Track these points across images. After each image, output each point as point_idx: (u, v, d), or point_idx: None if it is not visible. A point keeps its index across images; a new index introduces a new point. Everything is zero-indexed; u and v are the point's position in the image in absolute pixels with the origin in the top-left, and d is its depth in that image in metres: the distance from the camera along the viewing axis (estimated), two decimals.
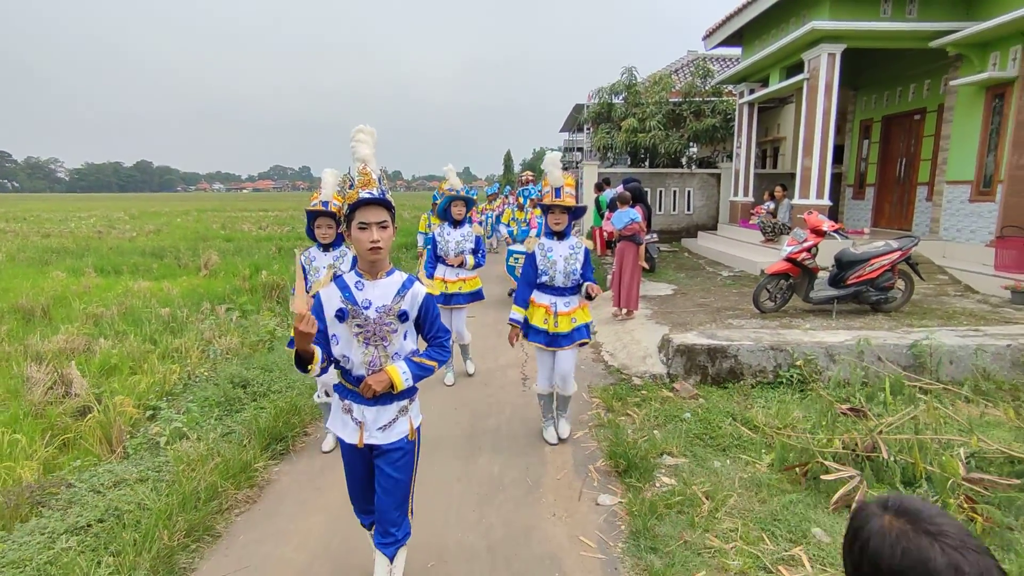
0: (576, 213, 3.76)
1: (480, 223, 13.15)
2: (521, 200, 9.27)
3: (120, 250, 15.66)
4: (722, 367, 4.98)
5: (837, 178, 13.20)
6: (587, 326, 3.92)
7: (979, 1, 8.90)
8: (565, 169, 3.79)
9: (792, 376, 4.83)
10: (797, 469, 3.41)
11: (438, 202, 8.88)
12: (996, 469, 3.34)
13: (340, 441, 2.32)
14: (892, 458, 3.30)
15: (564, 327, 3.79)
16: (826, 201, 9.72)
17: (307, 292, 2.05)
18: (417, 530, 2.98)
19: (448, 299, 5.33)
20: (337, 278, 2.18)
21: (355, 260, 2.27)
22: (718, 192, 14.92)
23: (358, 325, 2.15)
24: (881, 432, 3.46)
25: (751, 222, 11.55)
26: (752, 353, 4.96)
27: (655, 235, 10.49)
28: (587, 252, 3.80)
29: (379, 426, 2.24)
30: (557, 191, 3.64)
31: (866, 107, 12.50)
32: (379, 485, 2.30)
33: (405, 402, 2.31)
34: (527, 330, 3.89)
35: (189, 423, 4.10)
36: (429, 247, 5.48)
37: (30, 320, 8.23)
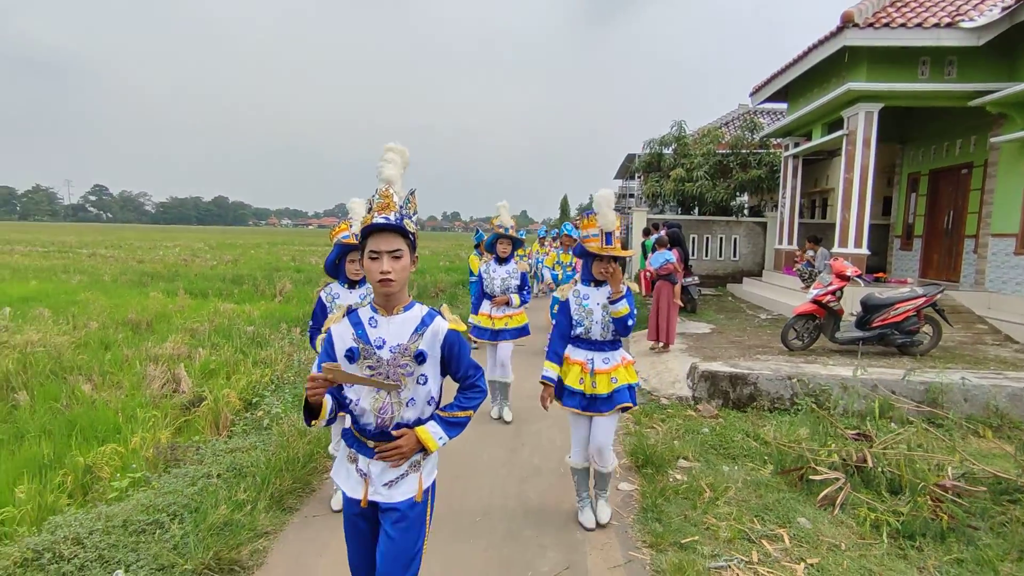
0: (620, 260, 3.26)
1: (530, 263, 13.76)
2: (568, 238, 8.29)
3: (204, 276, 17.45)
4: (742, 392, 5.50)
5: (885, 229, 13.41)
6: (631, 388, 3.31)
7: (1021, 63, 9.25)
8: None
9: (807, 404, 5.29)
10: (793, 473, 3.92)
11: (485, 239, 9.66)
12: (987, 488, 3.74)
13: (343, 498, 2.05)
14: (880, 469, 3.77)
15: (603, 388, 3.21)
16: (864, 251, 10.03)
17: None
18: (467, 497, 3.70)
19: (495, 335, 5.40)
20: (351, 313, 1.98)
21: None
22: (764, 240, 15.32)
23: (369, 367, 1.92)
24: (872, 448, 3.94)
25: (793, 269, 11.90)
26: (771, 381, 5.47)
27: (696, 278, 11.04)
28: (629, 295, 3.19)
29: (385, 482, 1.97)
30: (608, 236, 3.06)
31: (913, 161, 12.77)
32: (379, 551, 1.98)
33: (419, 456, 2.00)
34: (560, 392, 3.35)
35: (285, 410, 5.00)
36: (476, 284, 5.75)
37: (137, 331, 9.60)
